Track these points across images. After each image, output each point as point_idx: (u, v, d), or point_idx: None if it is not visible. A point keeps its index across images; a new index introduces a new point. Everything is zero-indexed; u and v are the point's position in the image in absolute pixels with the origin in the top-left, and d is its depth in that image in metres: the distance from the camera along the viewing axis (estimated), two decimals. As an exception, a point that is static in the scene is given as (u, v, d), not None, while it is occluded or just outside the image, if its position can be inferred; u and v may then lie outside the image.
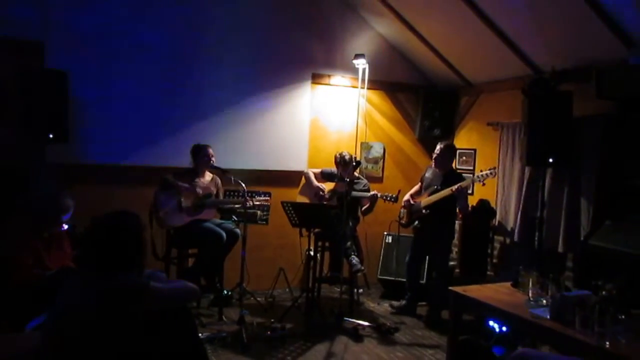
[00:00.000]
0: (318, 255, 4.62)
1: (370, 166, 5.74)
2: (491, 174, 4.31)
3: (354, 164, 4.60)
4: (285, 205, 4.21)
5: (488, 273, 4.93)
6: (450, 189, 4.33)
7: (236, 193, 4.48)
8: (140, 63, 4.65)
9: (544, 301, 2.95)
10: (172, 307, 2.14)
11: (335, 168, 4.87)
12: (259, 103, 5.16)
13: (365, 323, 4.32)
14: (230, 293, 4.67)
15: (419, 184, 4.87)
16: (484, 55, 4.97)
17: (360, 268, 4.58)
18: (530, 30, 4.26)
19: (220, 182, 4.61)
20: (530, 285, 3.10)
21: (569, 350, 2.57)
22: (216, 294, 4.52)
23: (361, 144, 5.62)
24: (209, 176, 4.56)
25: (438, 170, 4.61)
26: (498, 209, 5.02)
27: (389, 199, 4.59)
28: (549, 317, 2.76)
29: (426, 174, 4.77)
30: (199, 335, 2.68)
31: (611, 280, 2.75)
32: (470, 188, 5.07)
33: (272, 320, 4.29)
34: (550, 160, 3.99)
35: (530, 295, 3.04)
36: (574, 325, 2.62)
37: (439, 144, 4.62)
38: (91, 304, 1.93)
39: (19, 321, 2.81)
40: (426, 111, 5.73)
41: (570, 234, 4.23)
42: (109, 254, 2.01)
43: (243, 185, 4.14)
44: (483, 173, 4.33)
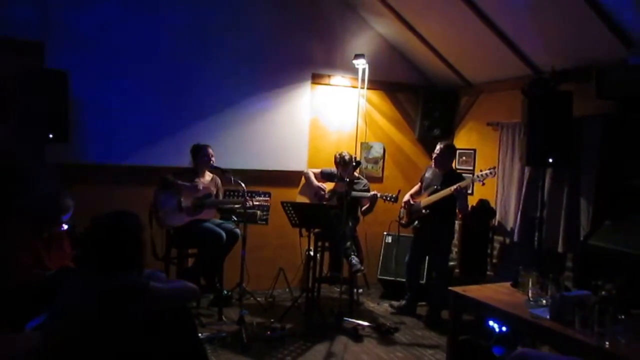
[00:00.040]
0: (318, 255, 4.62)
1: (370, 166, 5.74)
2: (491, 173, 4.31)
3: (354, 164, 4.60)
4: (285, 205, 4.21)
5: (488, 273, 4.93)
6: (449, 189, 4.33)
7: (236, 193, 4.48)
8: (140, 63, 4.66)
9: (544, 301, 2.95)
10: (172, 307, 2.15)
11: (335, 168, 4.87)
12: (259, 103, 5.16)
13: (365, 323, 4.32)
14: (230, 293, 4.68)
15: (419, 184, 4.87)
16: (483, 55, 4.97)
17: (360, 268, 4.58)
18: (530, 30, 4.26)
19: (220, 182, 4.60)
20: (530, 285, 3.10)
21: (568, 350, 2.57)
22: (216, 294, 4.52)
23: (361, 144, 5.62)
24: (208, 176, 4.56)
25: (438, 170, 4.61)
26: (498, 209, 5.02)
27: (388, 199, 4.59)
28: (549, 317, 2.76)
29: (426, 174, 4.77)
30: (199, 335, 2.67)
31: (611, 280, 2.75)
32: (470, 188, 5.06)
33: (272, 320, 4.29)
34: (550, 160, 3.99)
35: (530, 295, 3.04)
36: (573, 326, 2.62)
37: (439, 144, 4.62)
38: (91, 304, 1.94)
39: (19, 321, 2.80)
40: (426, 111, 5.73)
41: (570, 234, 4.23)
42: (109, 254, 2.02)
43: (243, 185, 4.13)
44: (483, 173, 4.33)
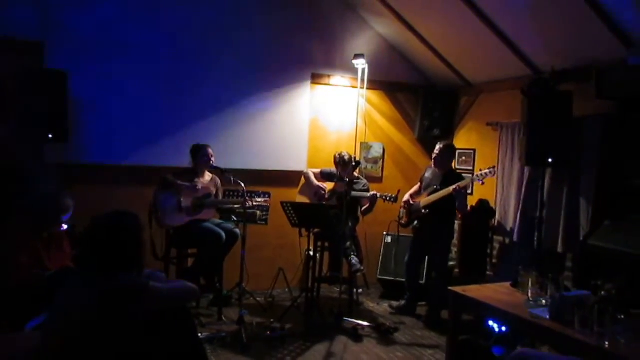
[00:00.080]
0: (317, 255, 4.62)
1: (369, 166, 5.74)
2: (490, 172, 4.31)
3: (354, 164, 4.60)
4: (284, 205, 4.21)
5: (487, 273, 4.93)
6: (449, 189, 4.33)
7: (236, 193, 4.47)
8: (140, 63, 4.65)
9: (544, 301, 2.95)
10: (172, 307, 2.15)
11: (334, 168, 4.87)
12: (259, 103, 5.16)
13: (365, 323, 4.32)
14: (229, 293, 4.68)
15: (419, 184, 4.87)
16: (483, 56, 4.97)
17: (360, 268, 4.58)
18: (530, 30, 4.26)
19: (219, 182, 4.60)
20: (530, 285, 3.10)
21: (568, 350, 2.58)
22: (216, 294, 4.53)
23: (361, 144, 5.62)
24: (208, 176, 4.56)
25: (437, 170, 4.61)
26: (497, 209, 5.03)
27: (388, 199, 4.59)
28: (549, 317, 2.76)
29: (426, 174, 4.77)
30: (199, 335, 2.67)
31: (610, 280, 2.75)
32: (470, 188, 5.07)
33: (272, 320, 4.29)
34: (550, 160, 3.99)
35: (530, 295, 3.04)
36: (573, 325, 2.62)
37: (439, 144, 4.63)
38: (91, 304, 1.94)
39: (19, 321, 2.80)
40: (426, 111, 5.73)
41: (570, 234, 4.23)
42: (109, 254, 2.02)
43: (243, 185, 4.13)
44: (482, 172, 4.33)
